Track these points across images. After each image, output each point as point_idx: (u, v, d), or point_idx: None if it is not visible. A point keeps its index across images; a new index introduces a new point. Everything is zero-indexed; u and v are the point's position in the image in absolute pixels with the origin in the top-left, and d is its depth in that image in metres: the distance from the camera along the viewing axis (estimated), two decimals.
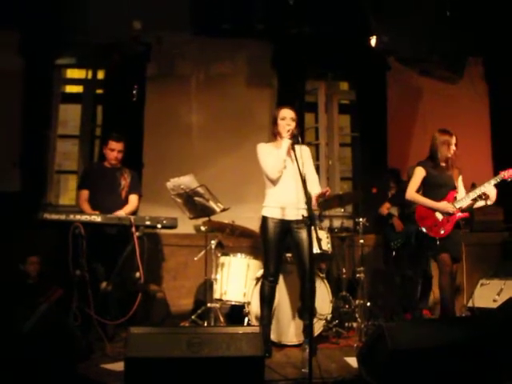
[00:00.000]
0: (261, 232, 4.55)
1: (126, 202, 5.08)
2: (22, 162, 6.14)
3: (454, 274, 4.80)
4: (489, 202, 4.74)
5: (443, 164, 4.89)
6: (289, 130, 4.31)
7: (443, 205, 4.75)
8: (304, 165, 4.07)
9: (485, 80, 7.37)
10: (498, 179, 4.65)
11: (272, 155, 4.41)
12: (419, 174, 4.90)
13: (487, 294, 5.65)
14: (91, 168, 5.62)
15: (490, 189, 4.67)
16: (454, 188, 4.84)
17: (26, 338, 3.37)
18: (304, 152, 4.46)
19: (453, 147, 4.86)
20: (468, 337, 3.31)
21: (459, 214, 4.74)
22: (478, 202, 4.78)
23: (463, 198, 4.76)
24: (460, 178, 4.94)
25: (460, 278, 5.57)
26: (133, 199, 5.12)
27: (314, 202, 4.19)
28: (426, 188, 4.90)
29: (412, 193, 4.90)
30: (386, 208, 6.09)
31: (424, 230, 4.77)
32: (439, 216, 4.75)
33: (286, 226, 4.45)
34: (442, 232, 4.70)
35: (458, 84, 6.34)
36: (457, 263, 4.82)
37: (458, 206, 4.74)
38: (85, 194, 5.04)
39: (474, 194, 4.72)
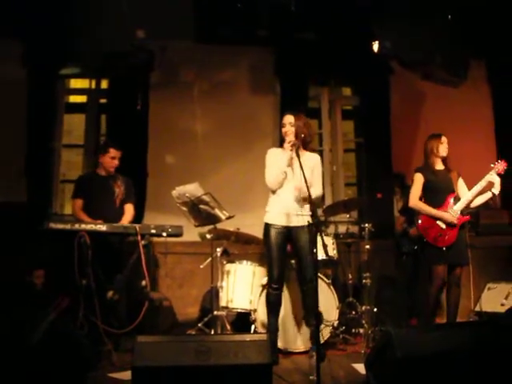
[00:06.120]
0: (263, 239, 4.54)
1: (120, 209, 5.10)
2: (28, 172, 6.16)
3: (458, 280, 4.78)
4: (494, 190, 4.68)
5: (440, 168, 4.89)
6: (290, 142, 4.31)
7: (448, 216, 4.71)
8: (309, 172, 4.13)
9: (488, 82, 7.34)
10: (492, 173, 4.68)
11: (277, 163, 4.41)
12: (418, 180, 4.89)
13: (495, 298, 5.63)
14: (84, 177, 5.52)
15: (493, 177, 4.67)
16: (453, 192, 4.82)
17: (33, 349, 3.37)
18: (311, 160, 4.49)
19: (444, 147, 4.85)
20: (476, 341, 3.29)
21: (458, 216, 4.70)
22: (481, 197, 4.75)
23: (463, 198, 4.75)
24: (460, 180, 4.91)
25: (467, 282, 5.54)
26: (129, 208, 5.15)
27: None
28: (425, 194, 4.88)
29: (415, 200, 4.87)
30: (399, 224, 6.06)
31: (430, 241, 4.74)
32: (442, 225, 4.72)
33: (287, 233, 4.44)
34: (447, 239, 4.68)
35: (461, 87, 6.32)
36: (465, 266, 4.84)
37: (458, 207, 4.72)
38: (79, 202, 5.05)
39: (475, 189, 4.69)
